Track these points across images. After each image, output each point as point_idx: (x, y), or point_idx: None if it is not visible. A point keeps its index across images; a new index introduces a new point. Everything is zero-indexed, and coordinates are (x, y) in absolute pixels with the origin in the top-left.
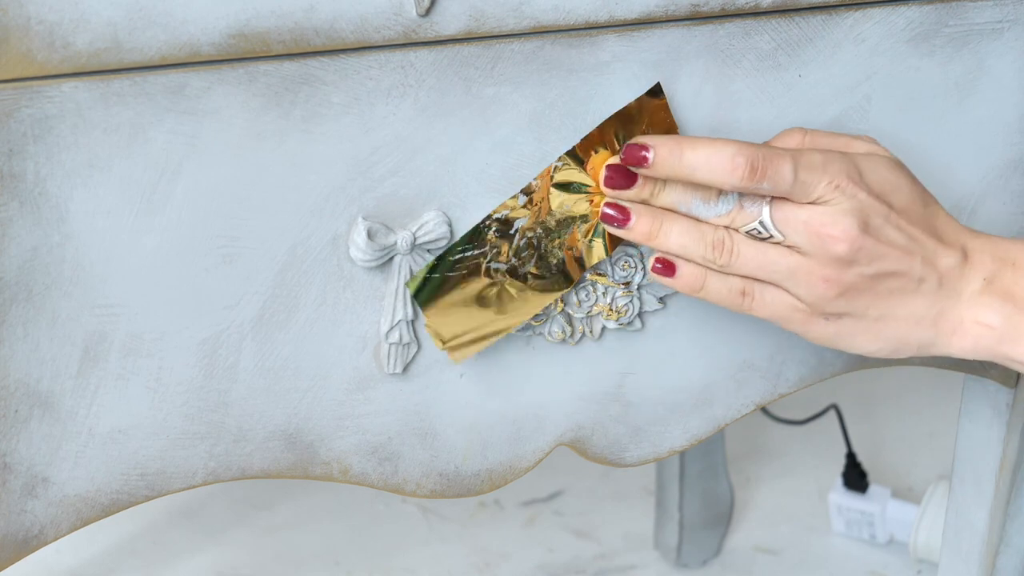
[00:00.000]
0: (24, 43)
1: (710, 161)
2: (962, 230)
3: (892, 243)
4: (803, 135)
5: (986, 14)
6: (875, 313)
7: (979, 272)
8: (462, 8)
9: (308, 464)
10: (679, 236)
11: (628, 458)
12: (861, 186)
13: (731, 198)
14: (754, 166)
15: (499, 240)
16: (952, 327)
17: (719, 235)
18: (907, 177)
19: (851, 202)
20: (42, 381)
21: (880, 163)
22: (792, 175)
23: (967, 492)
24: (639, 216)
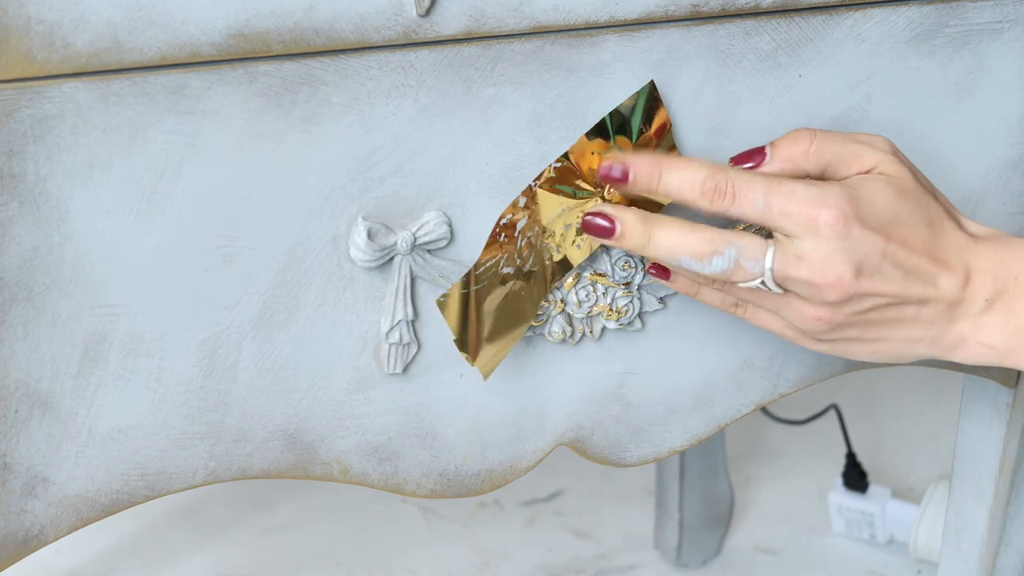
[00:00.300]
0: (24, 43)
1: (683, 183)
2: (967, 246)
3: (888, 279)
4: (811, 137)
5: (986, 14)
6: (871, 336)
7: (980, 293)
8: (462, 8)
9: (308, 464)
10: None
11: (628, 458)
12: (856, 220)
13: (727, 257)
14: (721, 190)
15: (507, 244)
16: (954, 344)
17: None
18: (909, 201)
19: (846, 243)
20: (42, 381)
21: (881, 191)
22: (763, 202)
23: (967, 492)
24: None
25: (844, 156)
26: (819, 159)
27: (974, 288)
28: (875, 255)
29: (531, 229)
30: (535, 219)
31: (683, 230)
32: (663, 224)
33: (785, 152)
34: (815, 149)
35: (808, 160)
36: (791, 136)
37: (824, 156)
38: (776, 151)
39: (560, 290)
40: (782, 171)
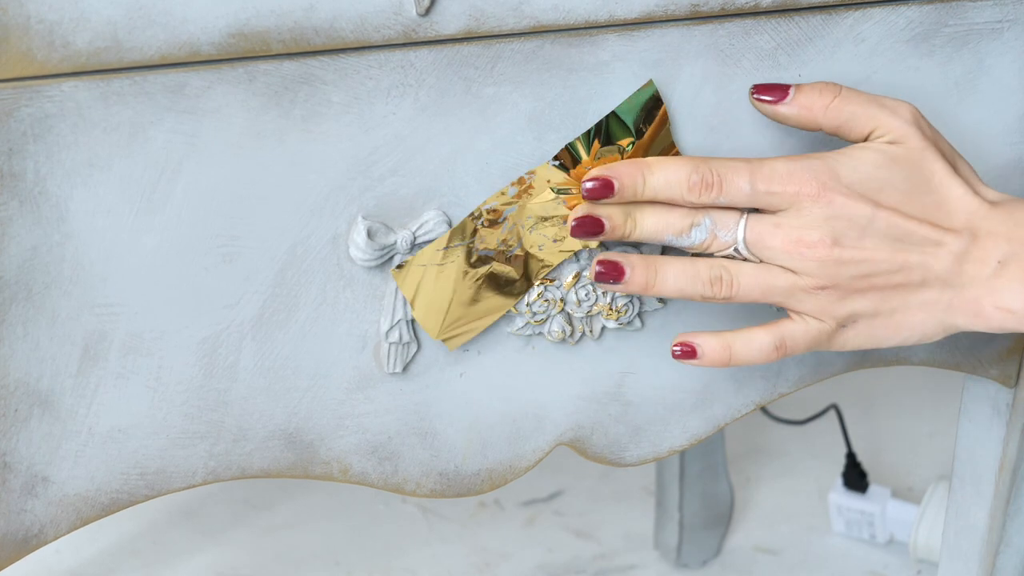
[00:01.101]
0: (24, 42)
1: (668, 181)
2: (976, 209)
3: (879, 244)
4: (835, 93)
5: (986, 14)
6: (887, 308)
7: (991, 254)
8: (462, 8)
9: (308, 464)
10: (676, 280)
11: (628, 458)
12: (837, 190)
13: (703, 228)
14: (708, 182)
15: (487, 229)
16: (972, 310)
17: (715, 271)
18: (904, 167)
19: (824, 209)
20: (42, 380)
21: (866, 159)
22: (749, 186)
23: (967, 492)
24: (633, 268)
25: (860, 118)
26: (836, 117)
27: (984, 250)
28: (860, 222)
29: (520, 217)
30: (525, 209)
31: (662, 209)
32: (644, 210)
33: (806, 100)
34: (835, 105)
35: (825, 115)
36: (817, 86)
37: (841, 115)
38: (799, 95)
39: (560, 289)
40: (798, 116)
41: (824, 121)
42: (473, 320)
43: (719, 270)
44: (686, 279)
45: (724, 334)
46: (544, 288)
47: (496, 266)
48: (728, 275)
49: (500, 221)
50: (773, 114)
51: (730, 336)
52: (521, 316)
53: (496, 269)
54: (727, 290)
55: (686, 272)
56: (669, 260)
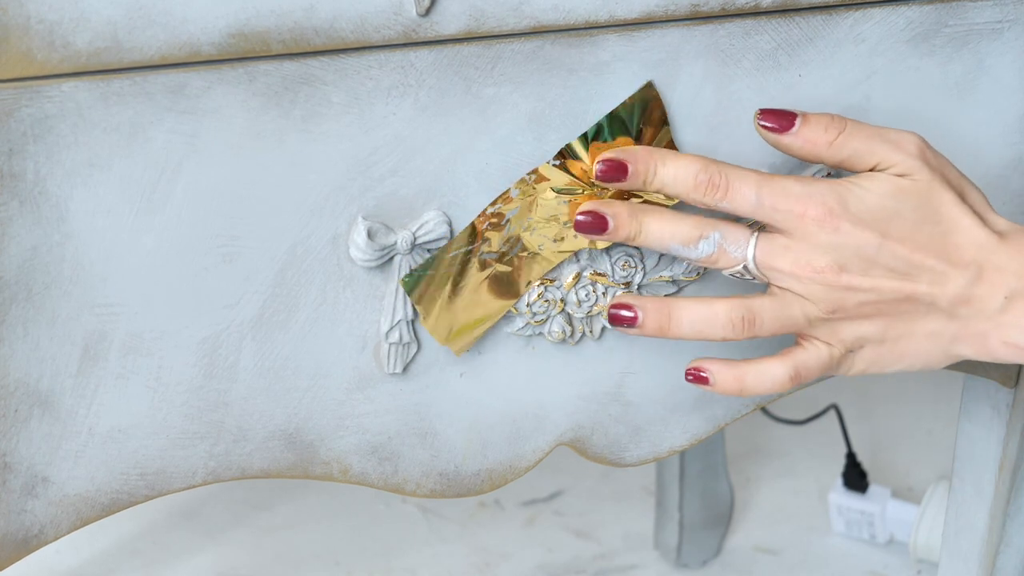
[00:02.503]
0: (24, 42)
1: (677, 176)
2: (986, 243)
3: (886, 273)
4: (839, 129)
5: (986, 14)
6: (893, 334)
7: (999, 289)
8: (462, 8)
9: (308, 464)
10: (692, 324)
11: (628, 458)
12: (844, 217)
13: (712, 240)
14: (715, 183)
15: (491, 232)
16: (978, 343)
17: (736, 312)
18: (912, 198)
19: (830, 237)
20: (42, 380)
21: (875, 189)
22: (755, 197)
23: (967, 492)
24: (646, 313)
25: (863, 154)
26: (838, 152)
27: (991, 285)
28: (867, 251)
29: (522, 219)
30: (528, 211)
31: (671, 217)
32: (651, 213)
33: (811, 134)
34: (839, 142)
35: (828, 151)
36: (823, 121)
37: (844, 151)
38: (803, 129)
39: (560, 289)
40: (801, 148)
41: (827, 156)
42: (478, 324)
43: (741, 310)
44: (704, 322)
45: (738, 365)
46: (544, 288)
47: (498, 267)
48: (750, 313)
49: (503, 224)
50: (775, 143)
51: (743, 368)
52: (521, 316)
53: (499, 270)
54: (749, 330)
55: (703, 314)
56: (684, 303)
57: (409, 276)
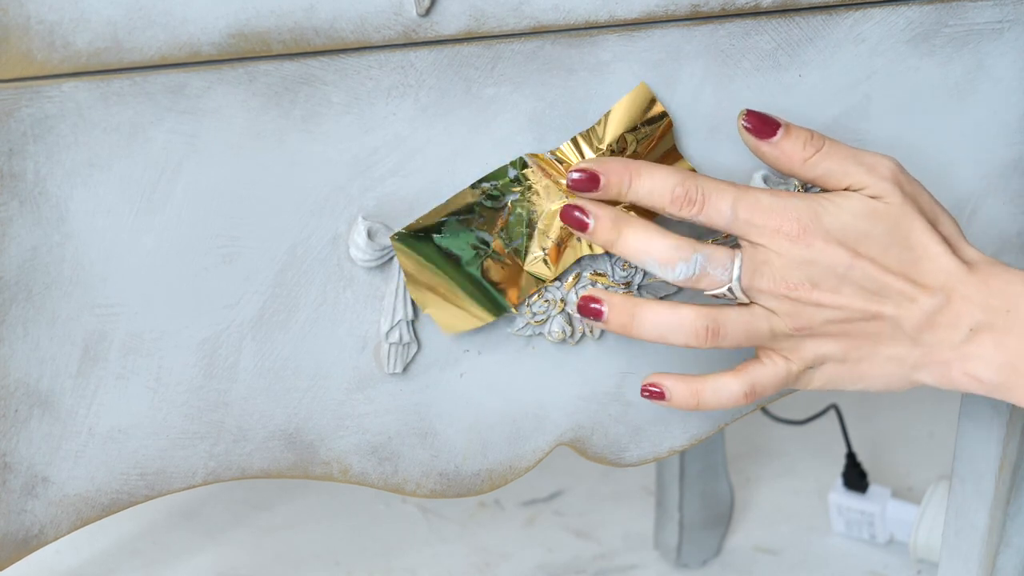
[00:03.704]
0: (24, 43)
1: (653, 189)
2: (955, 271)
3: (853, 294)
4: (816, 148)
5: (986, 14)
6: (855, 355)
7: (964, 320)
8: (462, 8)
9: (308, 464)
10: (655, 327)
11: (628, 458)
12: (817, 235)
13: (692, 264)
14: (691, 197)
15: (487, 211)
16: (940, 372)
17: (701, 321)
18: (884, 221)
19: (803, 251)
20: (42, 380)
21: (849, 208)
22: (730, 211)
23: (967, 492)
24: (611, 309)
25: (836, 174)
26: (812, 170)
27: (957, 315)
28: (838, 269)
29: (522, 208)
30: (529, 200)
31: (652, 233)
32: (633, 224)
33: (788, 147)
34: (813, 160)
35: (803, 167)
36: (802, 137)
37: (817, 170)
38: (783, 141)
39: (560, 289)
40: (776, 160)
41: (800, 171)
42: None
43: (706, 320)
44: (667, 327)
45: (694, 380)
46: (544, 288)
47: (501, 258)
48: (715, 324)
49: (500, 207)
50: (753, 148)
51: (699, 383)
52: (521, 316)
53: (500, 261)
54: (712, 340)
55: (667, 319)
56: (651, 305)
57: (399, 234)
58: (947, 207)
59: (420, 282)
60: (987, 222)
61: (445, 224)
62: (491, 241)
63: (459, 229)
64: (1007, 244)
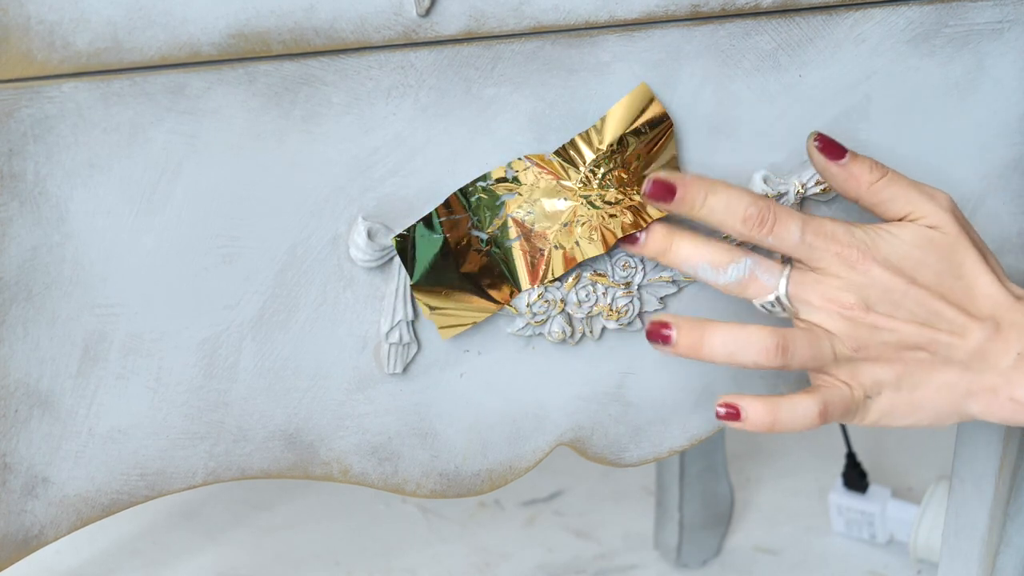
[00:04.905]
0: (24, 43)
1: (728, 206)
2: (1003, 300)
3: (910, 317)
4: (882, 174)
5: (986, 14)
6: (910, 382)
7: (1013, 346)
8: (462, 8)
9: (308, 464)
10: (725, 346)
11: (628, 458)
12: (875, 261)
13: (743, 266)
14: (763, 218)
15: (485, 210)
16: (987, 399)
17: (772, 339)
18: (940, 251)
19: (860, 278)
20: (42, 381)
21: (906, 238)
22: (799, 235)
23: (967, 492)
24: (680, 331)
25: (899, 200)
26: (877, 194)
27: (1006, 341)
28: (893, 294)
29: (520, 207)
30: (528, 200)
31: (699, 239)
32: (683, 233)
33: (856, 170)
34: (879, 185)
35: (868, 190)
36: (868, 162)
37: (882, 195)
38: (852, 164)
39: (560, 290)
40: (844, 181)
41: (864, 195)
42: (466, 309)
43: (776, 337)
44: (737, 345)
45: (770, 400)
46: (544, 288)
47: (495, 254)
48: (785, 341)
49: (497, 205)
50: (822, 168)
51: (775, 403)
52: (521, 316)
53: (495, 258)
54: (782, 358)
55: (737, 337)
56: (719, 325)
57: (401, 235)
58: None
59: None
60: (987, 222)
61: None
62: (489, 241)
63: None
64: (1007, 244)
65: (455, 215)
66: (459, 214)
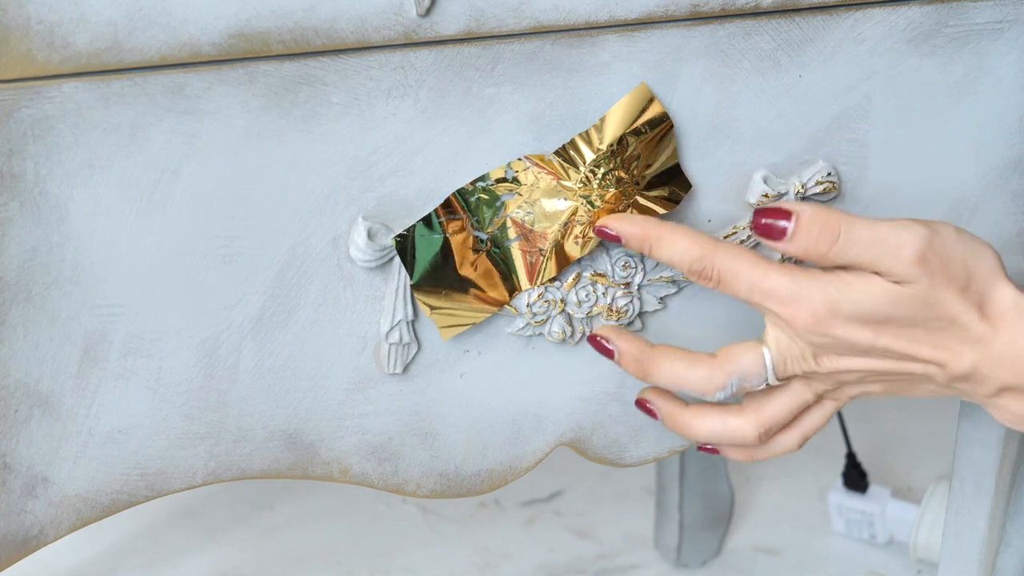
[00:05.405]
0: (24, 43)
1: (672, 259)
2: (982, 335)
3: (883, 358)
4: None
5: (986, 14)
6: (895, 388)
7: (992, 382)
8: (462, 8)
9: (308, 464)
10: (710, 437)
11: (628, 458)
12: (834, 323)
13: (730, 387)
14: (707, 275)
15: (484, 210)
16: (977, 403)
17: (752, 430)
18: (908, 304)
19: (821, 339)
20: (42, 381)
21: (872, 293)
22: (746, 294)
23: (967, 492)
24: (663, 415)
25: (862, 262)
26: (837, 261)
27: (985, 376)
28: (861, 346)
29: (519, 207)
30: (528, 200)
31: (682, 366)
32: (660, 361)
33: (805, 243)
34: (835, 253)
35: (826, 261)
36: (815, 228)
37: (842, 260)
38: (797, 237)
39: (560, 290)
40: (797, 256)
41: (828, 263)
42: (467, 309)
43: (757, 428)
44: (719, 436)
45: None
46: (544, 289)
47: (493, 254)
48: (768, 423)
49: (497, 205)
50: (773, 248)
51: (753, 452)
52: (521, 317)
53: (490, 259)
54: (767, 438)
55: (718, 429)
56: (701, 413)
57: (401, 235)
58: (947, 207)
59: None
60: (987, 222)
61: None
62: (489, 241)
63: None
64: (1007, 244)
65: (455, 215)
66: (459, 214)
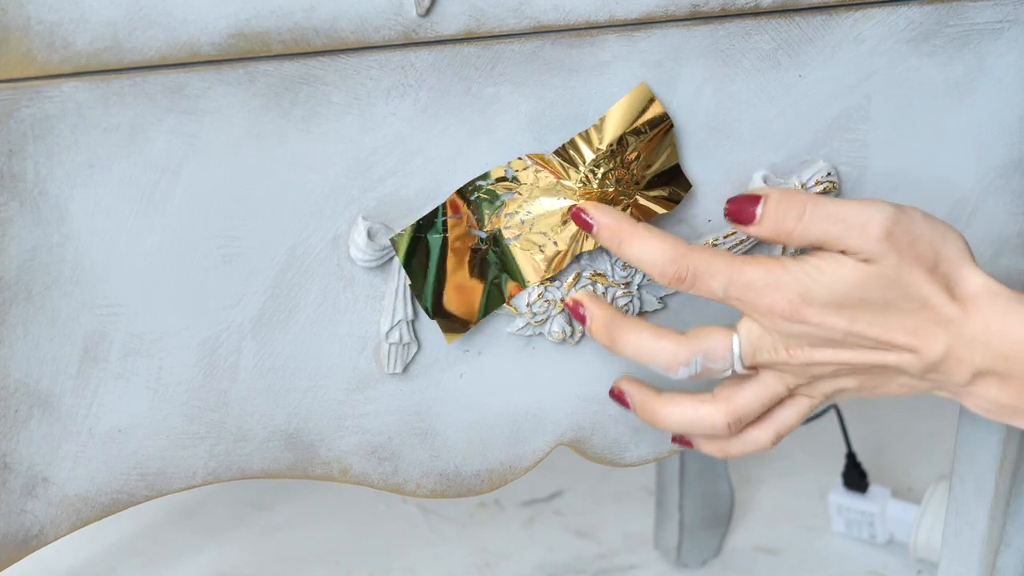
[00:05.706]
0: (24, 43)
1: (643, 260)
2: (953, 318)
3: (856, 348)
4: (799, 219)
5: (986, 14)
6: (870, 384)
7: (966, 367)
8: (462, 8)
9: (308, 464)
10: (680, 426)
11: (628, 458)
12: (809, 310)
13: (694, 365)
14: (681, 277)
15: (485, 210)
16: (952, 395)
17: (722, 420)
18: (880, 285)
19: (797, 327)
20: (42, 381)
21: (841, 278)
22: (722, 292)
23: (967, 492)
24: (634, 405)
25: (829, 242)
26: (803, 240)
27: (959, 361)
28: (835, 335)
29: (518, 207)
30: (528, 199)
31: (649, 337)
32: (628, 330)
33: (773, 225)
34: (800, 231)
35: (792, 239)
36: (781, 208)
37: (808, 238)
38: (765, 219)
39: (560, 290)
40: (768, 238)
41: (795, 243)
42: (468, 311)
43: (727, 417)
44: (690, 425)
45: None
46: (544, 288)
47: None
48: (738, 413)
49: (496, 204)
50: (746, 232)
51: (726, 444)
52: (521, 316)
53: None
54: (736, 429)
55: (689, 417)
56: (672, 401)
57: (400, 234)
58: (947, 207)
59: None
60: (987, 222)
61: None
62: (489, 240)
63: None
64: (1007, 244)
65: (455, 215)
66: (459, 214)
